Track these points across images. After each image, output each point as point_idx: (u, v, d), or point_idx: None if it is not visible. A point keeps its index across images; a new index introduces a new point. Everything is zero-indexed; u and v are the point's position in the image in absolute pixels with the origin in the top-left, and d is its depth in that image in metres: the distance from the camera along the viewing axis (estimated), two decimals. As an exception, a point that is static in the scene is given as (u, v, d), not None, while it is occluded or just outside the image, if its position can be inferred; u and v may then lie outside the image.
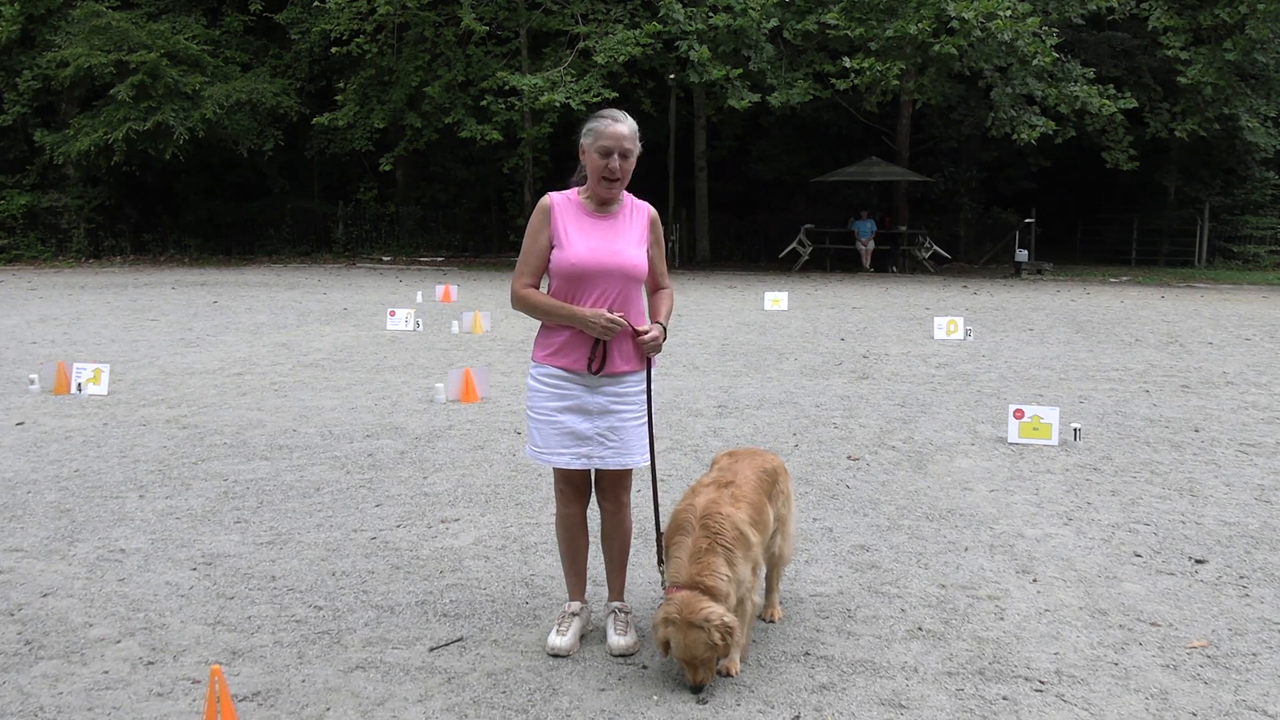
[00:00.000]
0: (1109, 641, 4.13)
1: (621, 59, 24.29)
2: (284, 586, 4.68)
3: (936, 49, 22.86)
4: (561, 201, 4.07)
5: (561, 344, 4.00)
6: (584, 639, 4.13)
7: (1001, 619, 4.35)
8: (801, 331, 14.32)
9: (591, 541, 4.34)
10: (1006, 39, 22.85)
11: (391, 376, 10.38)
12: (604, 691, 3.69)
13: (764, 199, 32.57)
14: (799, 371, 10.86)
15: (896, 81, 23.51)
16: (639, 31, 24.41)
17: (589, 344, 3.96)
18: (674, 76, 26.27)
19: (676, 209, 29.97)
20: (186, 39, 27.40)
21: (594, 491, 4.21)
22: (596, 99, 24.53)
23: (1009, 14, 22.73)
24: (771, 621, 4.30)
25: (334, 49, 26.68)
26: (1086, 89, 24.02)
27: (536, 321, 4.08)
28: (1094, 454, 7.27)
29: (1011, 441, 7.54)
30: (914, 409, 8.84)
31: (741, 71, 23.83)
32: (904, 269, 27.60)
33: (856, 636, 4.17)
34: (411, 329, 14.12)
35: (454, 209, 32.70)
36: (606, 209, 4.06)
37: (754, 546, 3.88)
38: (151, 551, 5.13)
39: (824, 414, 8.60)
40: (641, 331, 3.99)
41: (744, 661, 3.87)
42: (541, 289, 4.08)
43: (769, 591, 4.37)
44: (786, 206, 31.99)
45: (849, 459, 7.09)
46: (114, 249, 30.13)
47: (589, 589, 4.43)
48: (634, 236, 4.06)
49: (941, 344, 13.08)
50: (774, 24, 23.71)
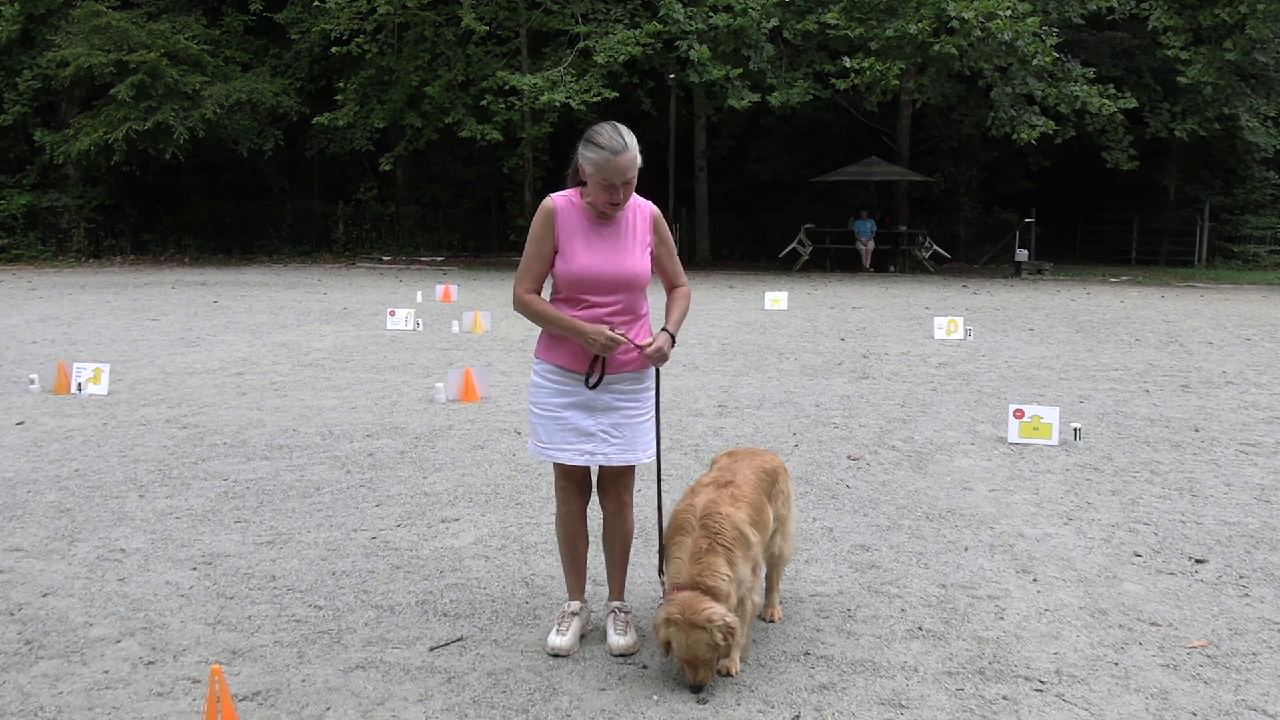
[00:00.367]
0: (1109, 641, 4.13)
1: (621, 59, 24.29)
2: (284, 586, 4.68)
3: (936, 49, 22.87)
4: (564, 206, 4.00)
5: (564, 341, 4.00)
6: (584, 639, 4.13)
7: (1001, 619, 4.35)
8: (801, 331, 14.32)
9: (592, 541, 4.34)
10: (1006, 39, 22.85)
11: (391, 376, 10.38)
12: (604, 691, 3.69)
13: (764, 199, 32.58)
14: (799, 371, 10.86)
15: (896, 81, 23.51)
16: (639, 31, 24.42)
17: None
18: (674, 76, 26.27)
19: (676, 209, 29.97)
20: (186, 39, 27.40)
21: (595, 491, 4.21)
22: (596, 99, 24.54)
23: (1009, 14, 22.74)
24: (771, 621, 4.30)
25: (334, 49, 26.68)
26: (1086, 89, 24.02)
27: (515, 281, 4.05)
28: (1094, 454, 7.27)
29: (1011, 441, 7.54)
30: (914, 409, 8.84)
31: (741, 71, 23.83)
32: (904, 269, 27.60)
33: (856, 636, 4.17)
34: (411, 329, 14.13)
35: (454, 209, 32.70)
36: (609, 215, 4.01)
37: (754, 546, 3.88)
38: (151, 551, 5.13)
39: (824, 414, 8.60)
40: (644, 345, 3.95)
41: (744, 661, 3.87)
42: (545, 291, 4.06)
43: (769, 591, 4.36)
44: (786, 206, 32.00)
45: (849, 459, 7.09)
46: (114, 249, 30.14)
47: (589, 589, 4.43)
48: (637, 242, 4.02)
49: (941, 344, 13.09)
50: (774, 24, 23.72)
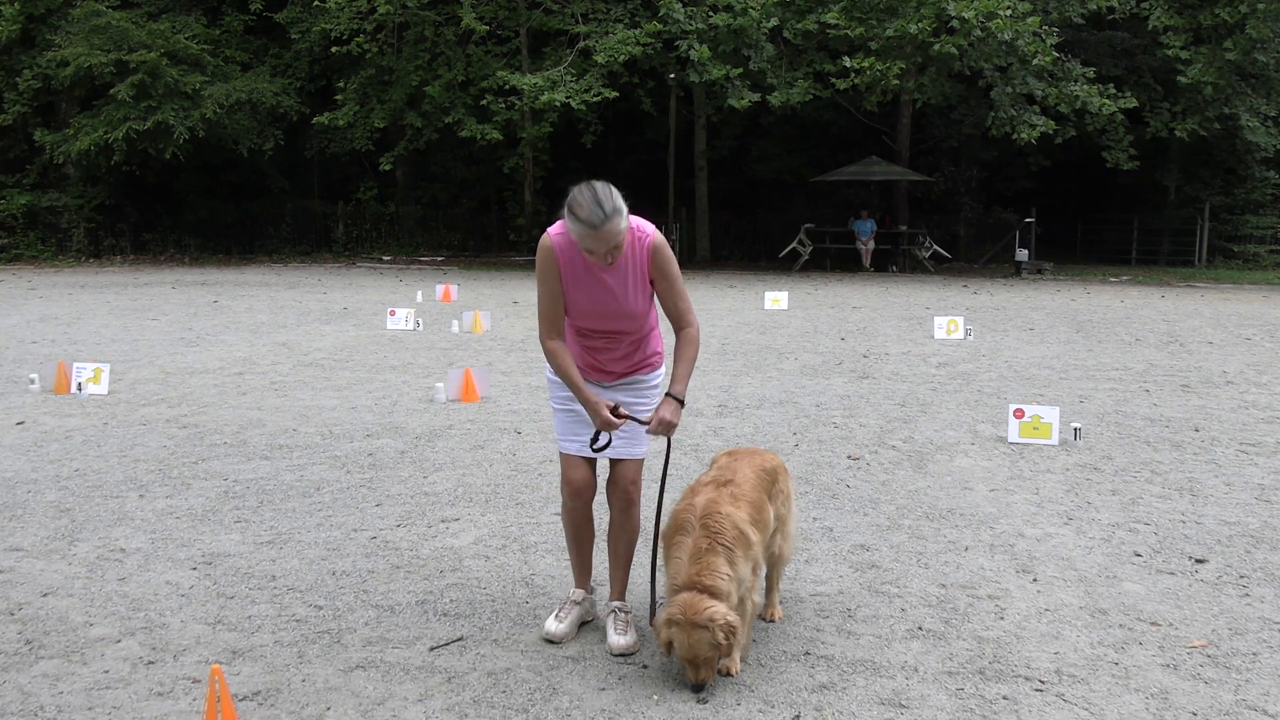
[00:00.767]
0: (1109, 641, 4.13)
1: (621, 58, 24.29)
2: (284, 586, 4.68)
3: (936, 48, 22.86)
4: (564, 246, 3.91)
5: (571, 345, 4.09)
6: (583, 628, 4.18)
7: (1002, 618, 4.35)
8: (801, 331, 14.32)
9: (599, 538, 4.37)
10: (1006, 38, 22.85)
11: (392, 376, 10.38)
12: (604, 691, 3.69)
13: (764, 198, 32.57)
14: (799, 371, 10.86)
15: (896, 81, 23.51)
16: (639, 31, 24.41)
17: (586, 356, 4.07)
18: (674, 76, 26.27)
19: (676, 208, 29.96)
20: (186, 38, 27.40)
21: (607, 489, 4.22)
22: (596, 99, 24.54)
23: (1009, 13, 22.74)
24: (771, 621, 4.30)
25: (334, 48, 26.68)
26: (1087, 88, 24.02)
27: (534, 321, 4.10)
28: (1094, 453, 7.26)
29: (1012, 441, 7.54)
30: (914, 408, 8.84)
31: (741, 71, 23.83)
32: (904, 268, 27.60)
33: (857, 636, 4.17)
34: (411, 328, 14.12)
35: (454, 208, 32.70)
36: (608, 260, 3.89)
37: (754, 546, 3.88)
38: (152, 551, 5.13)
39: (824, 413, 8.60)
40: (646, 422, 3.99)
41: (744, 661, 3.87)
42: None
43: (769, 591, 4.36)
44: (786, 206, 32.00)
45: (849, 458, 7.09)
46: (114, 248, 30.13)
47: (593, 589, 4.44)
48: (637, 282, 3.95)
49: (942, 343, 13.09)
50: (774, 23, 23.72)
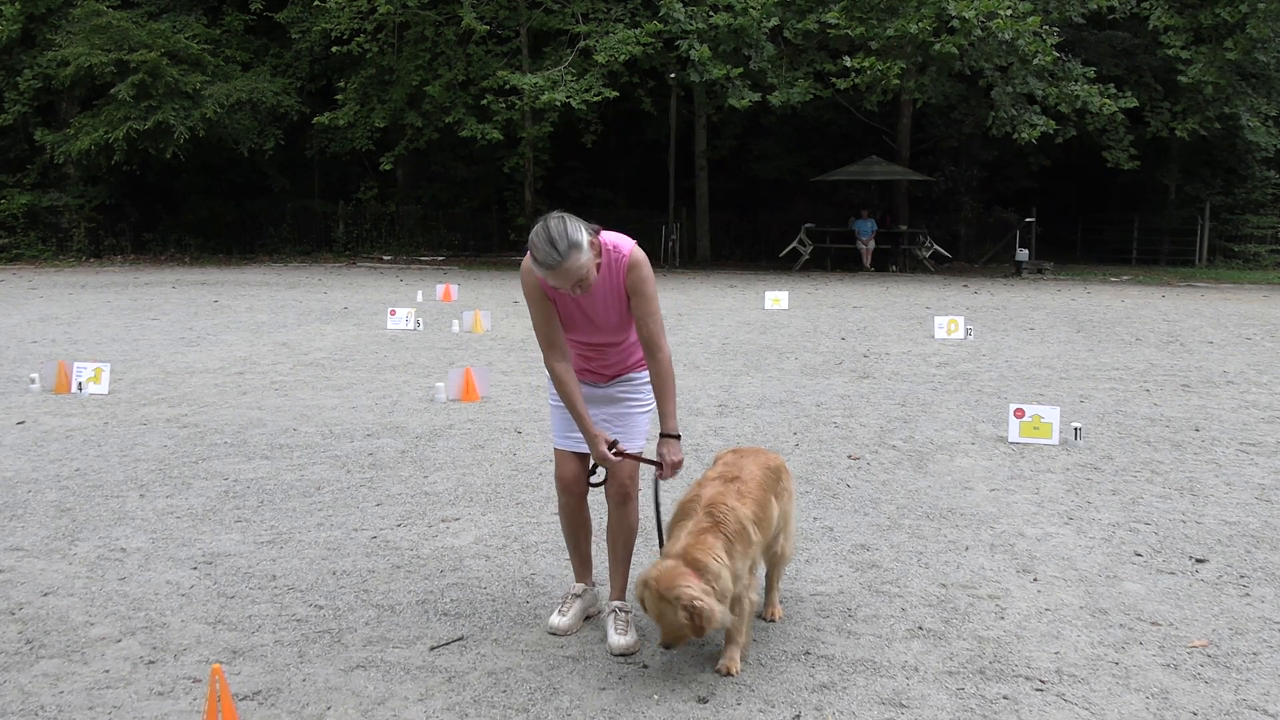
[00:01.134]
0: (1109, 641, 4.13)
1: (622, 58, 24.29)
2: (284, 586, 4.68)
3: (937, 48, 22.86)
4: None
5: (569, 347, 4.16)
6: (587, 625, 4.22)
7: (1002, 618, 4.35)
8: (802, 331, 14.32)
9: (598, 535, 4.42)
10: (1007, 38, 22.85)
11: (392, 376, 10.39)
12: (604, 690, 3.69)
13: (764, 198, 32.57)
14: (799, 371, 10.86)
15: (897, 81, 23.51)
16: (639, 31, 24.41)
17: (594, 359, 4.13)
18: (674, 76, 26.27)
19: (677, 208, 29.97)
20: (187, 38, 27.39)
21: (604, 485, 4.23)
22: (597, 98, 24.54)
23: (1009, 13, 22.74)
24: (772, 621, 4.30)
25: (334, 48, 26.68)
26: (1087, 88, 24.02)
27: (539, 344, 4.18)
28: (1094, 453, 7.26)
29: (1012, 441, 7.54)
30: (914, 408, 8.84)
31: (742, 71, 23.83)
32: (904, 268, 27.60)
33: (857, 635, 4.17)
34: (412, 328, 14.13)
35: (454, 208, 32.69)
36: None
37: (754, 545, 3.88)
38: (152, 550, 5.13)
39: (824, 413, 8.60)
40: (654, 461, 4.03)
41: (744, 660, 3.87)
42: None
43: (769, 590, 4.36)
44: (787, 206, 31.99)
45: (849, 458, 7.09)
46: (114, 248, 30.13)
47: (595, 584, 4.45)
48: (613, 301, 3.96)
49: (942, 343, 13.09)
50: (774, 23, 23.71)
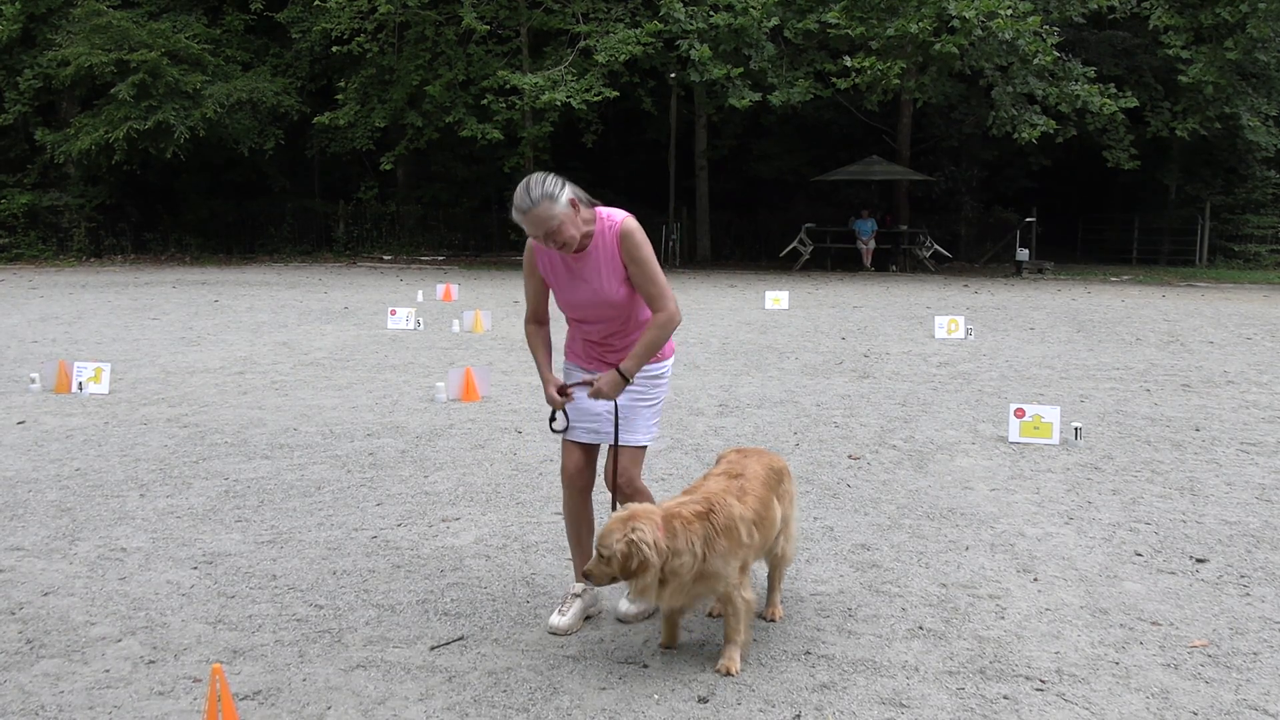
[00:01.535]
0: (1110, 641, 4.13)
1: (622, 58, 24.28)
2: (285, 585, 4.68)
3: (937, 48, 22.86)
4: (542, 246, 4.08)
5: (569, 343, 4.40)
6: (587, 625, 4.23)
7: (1002, 618, 4.35)
8: (802, 330, 14.32)
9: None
10: (1007, 38, 22.84)
11: (392, 375, 10.39)
12: (605, 690, 3.69)
13: (765, 198, 32.58)
14: (800, 370, 10.86)
15: (897, 80, 23.51)
16: (640, 30, 24.41)
17: (588, 347, 4.31)
18: (675, 75, 26.28)
19: (677, 208, 29.97)
20: (187, 38, 27.39)
21: (608, 478, 4.27)
22: (597, 98, 24.54)
23: (1010, 13, 22.73)
24: (773, 621, 4.30)
25: (335, 48, 26.68)
26: (1087, 88, 24.01)
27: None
28: (1095, 453, 7.26)
29: (1012, 441, 7.54)
30: (915, 408, 8.84)
31: (742, 70, 23.83)
32: (905, 268, 27.60)
33: (857, 635, 4.17)
34: (412, 328, 14.13)
35: (455, 208, 32.70)
36: (580, 248, 4.05)
37: (744, 546, 3.83)
38: (152, 550, 5.13)
39: (825, 413, 8.60)
40: (590, 382, 4.16)
41: (745, 660, 3.87)
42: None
43: (770, 590, 4.37)
44: (787, 205, 32.01)
45: (850, 458, 7.09)
46: (115, 248, 30.14)
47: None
48: (609, 268, 4.06)
49: (942, 343, 13.09)
50: (775, 23, 23.71)
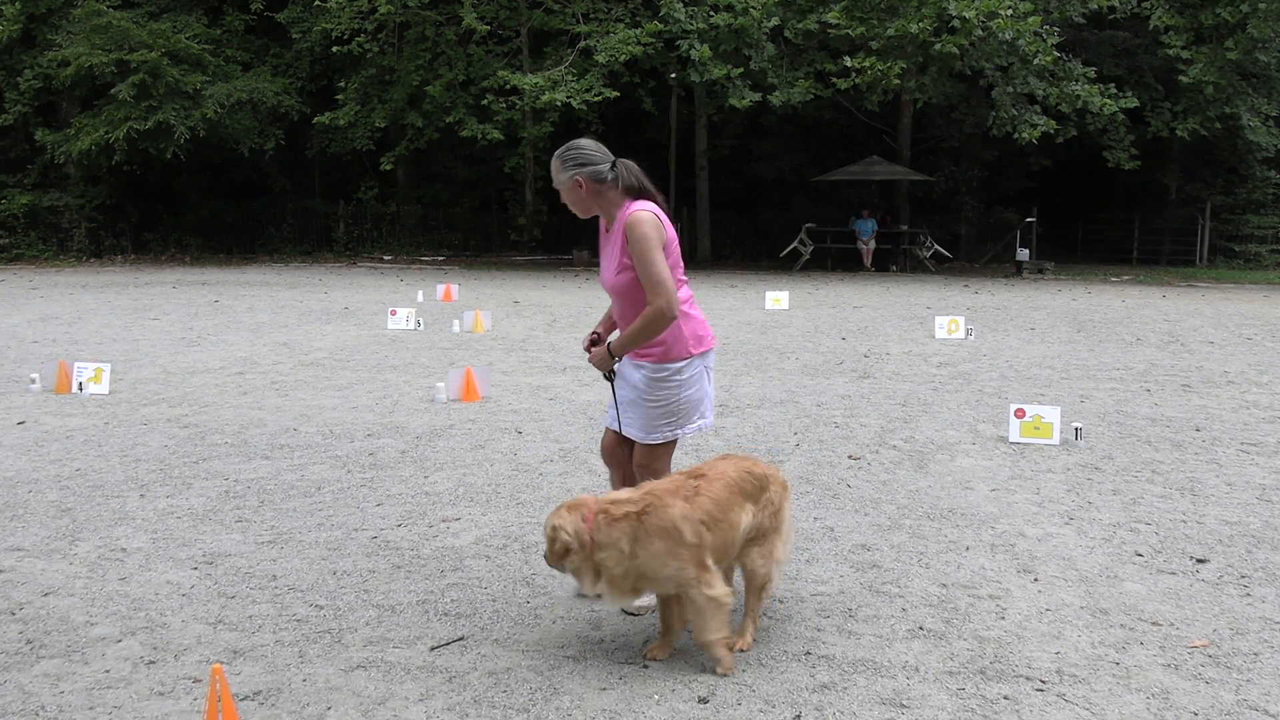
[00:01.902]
0: (1110, 641, 4.13)
1: (622, 58, 24.29)
2: (285, 586, 4.68)
3: (938, 48, 22.86)
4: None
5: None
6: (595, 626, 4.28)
7: (1003, 618, 4.35)
8: (802, 331, 14.32)
9: None
10: (1008, 38, 22.84)
11: (392, 376, 10.39)
12: (605, 691, 3.68)
13: (765, 198, 32.58)
14: (800, 371, 10.85)
15: (897, 81, 23.50)
16: (640, 31, 24.41)
17: (616, 323, 4.57)
18: (675, 76, 26.28)
19: (678, 208, 29.97)
20: (187, 38, 27.40)
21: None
22: (597, 98, 24.54)
23: (1010, 13, 22.73)
24: (742, 650, 3.96)
25: (335, 48, 26.69)
26: (1088, 88, 24.01)
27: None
28: (1095, 453, 7.26)
29: (1012, 441, 7.53)
30: (915, 408, 8.84)
31: (742, 71, 23.82)
32: (905, 268, 27.60)
33: (857, 636, 4.17)
34: (413, 328, 14.12)
35: (455, 208, 32.70)
36: (609, 228, 4.39)
37: (690, 545, 3.72)
38: (152, 550, 5.13)
39: (825, 413, 8.60)
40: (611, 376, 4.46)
41: (720, 659, 3.77)
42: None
43: (744, 615, 4.06)
44: (788, 206, 32.01)
45: (850, 458, 7.09)
46: (115, 248, 30.14)
47: None
48: (613, 253, 4.29)
49: (942, 343, 13.08)
50: (775, 23, 23.71)
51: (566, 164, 4.23)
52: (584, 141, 4.30)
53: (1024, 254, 26.73)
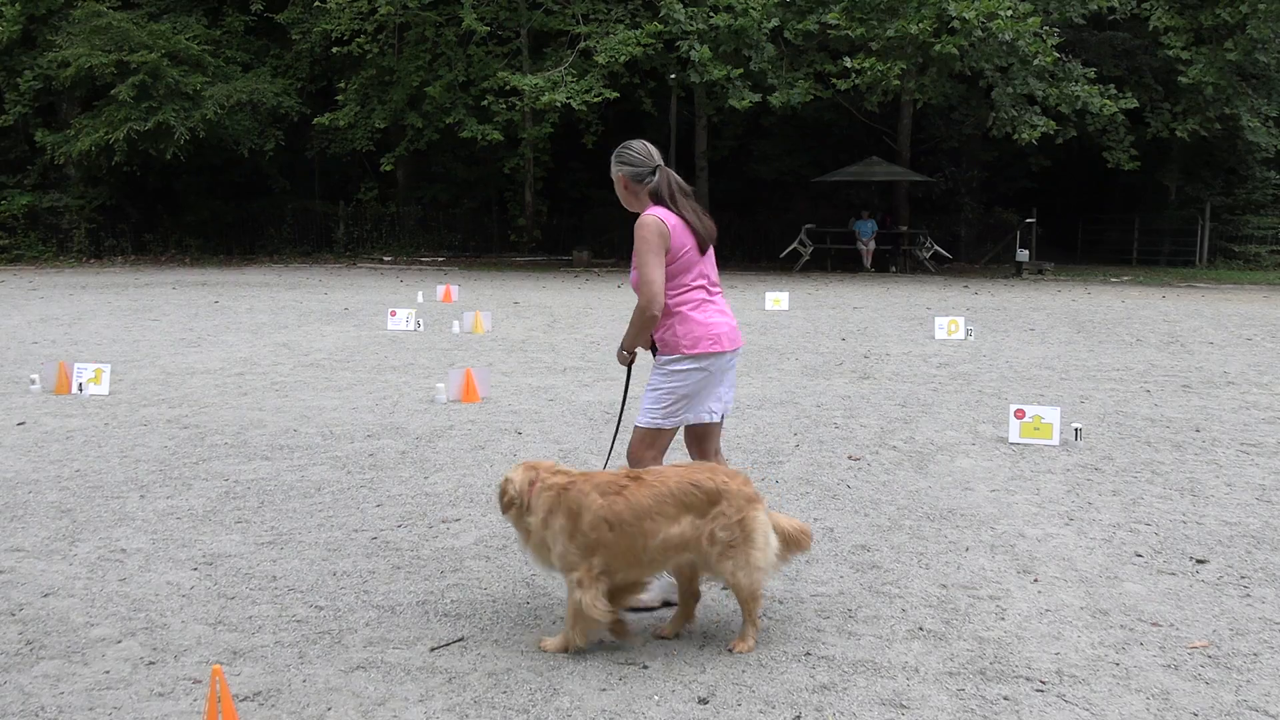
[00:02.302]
0: (1110, 641, 4.13)
1: (622, 59, 24.29)
2: (285, 586, 4.68)
3: (937, 49, 22.86)
4: None
5: None
6: (669, 607, 4.38)
7: (1002, 619, 4.35)
8: (802, 331, 14.32)
9: None
10: (1007, 39, 22.84)
11: (392, 376, 10.38)
12: (605, 691, 3.68)
13: (765, 199, 32.56)
14: (800, 371, 10.85)
15: (897, 81, 23.51)
16: (640, 31, 24.42)
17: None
18: (675, 76, 26.27)
19: (677, 209, 29.92)
20: (187, 39, 27.42)
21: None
22: (597, 99, 24.55)
23: (1010, 14, 22.73)
24: (730, 651, 4.00)
25: (335, 49, 26.70)
26: (1087, 89, 24.01)
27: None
28: (1095, 454, 7.26)
29: (1012, 441, 7.53)
30: (915, 409, 8.84)
31: (742, 71, 23.83)
32: (905, 269, 27.60)
33: (857, 636, 4.17)
34: (412, 329, 14.12)
35: (455, 209, 32.70)
36: None
37: (585, 536, 3.84)
38: (152, 551, 5.13)
39: (825, 414, 8.60)
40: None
41: (567, 650, 3.93)
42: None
43: (744, 620, 4.05)
44: (787, 206, 31.99)
45: (850, 459, 7.09)
46: (115, 249, 30.15)
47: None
48: (632, 254, 4.56)
49: (942, 344, 13.08)
50: (775, 24, 23.71)
51: (615, 160, 4.60)
52: (635, 143, 4.61)
53: (1024, 255, 26.73)
